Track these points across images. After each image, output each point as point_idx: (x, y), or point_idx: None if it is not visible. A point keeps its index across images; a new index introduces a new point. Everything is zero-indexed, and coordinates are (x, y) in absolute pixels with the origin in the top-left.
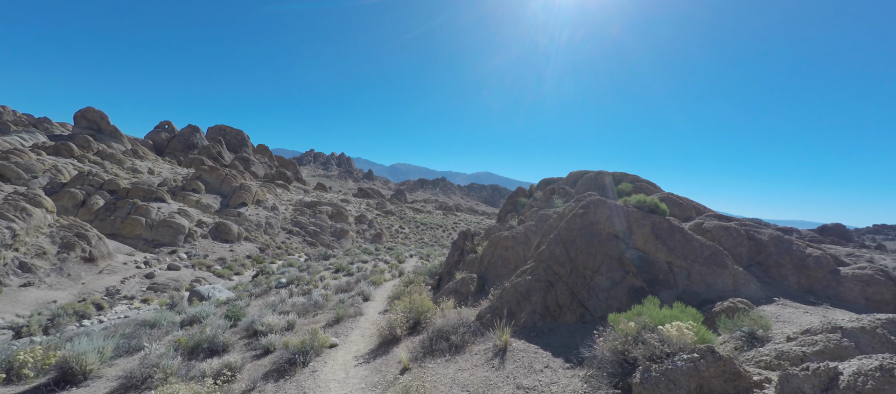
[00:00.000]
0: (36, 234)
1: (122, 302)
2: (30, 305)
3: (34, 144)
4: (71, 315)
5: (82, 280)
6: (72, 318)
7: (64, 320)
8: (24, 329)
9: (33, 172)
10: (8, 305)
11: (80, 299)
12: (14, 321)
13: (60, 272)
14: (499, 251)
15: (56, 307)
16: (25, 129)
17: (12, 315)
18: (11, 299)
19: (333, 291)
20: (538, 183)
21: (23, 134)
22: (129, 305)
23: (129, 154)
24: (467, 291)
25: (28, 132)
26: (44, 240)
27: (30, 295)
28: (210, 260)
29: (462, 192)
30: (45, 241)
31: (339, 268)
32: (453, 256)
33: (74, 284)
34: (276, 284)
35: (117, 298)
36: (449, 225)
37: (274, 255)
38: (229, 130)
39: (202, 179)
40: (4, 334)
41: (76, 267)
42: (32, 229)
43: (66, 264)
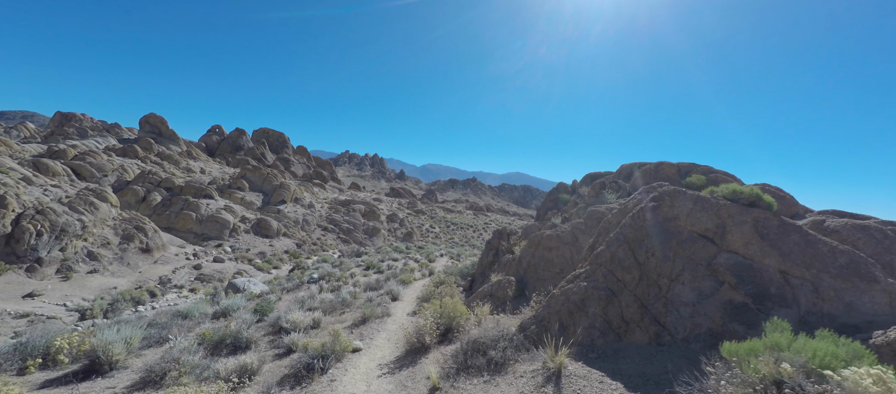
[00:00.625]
0: (101, 226)
1: (172, 290)
2: (94, 290)
3: (106, 146)
4: (128, 301)
5: (139, 269)
6: (128, 303)
7: (121, 305)
8: (88, 312)
9: (104, 171)
10: (76, 289)
11: (137, 286)
12: (80, 305)
13: (121, 261)
14: (540, 252)
15: (116, 293)
16: (100, 133)
17: (79, 299)
18: (79, 284)
19: (362, 289)
20: (582, 178)
21: (97, 138)
22: (179, 293)
23: (184, 155)
24: (504, 296)
25: (101, 136)
26: (108, 231)
27: (95, 281)
28: (251, 254)
29: (493, 192)
30: (109, 232)
31: (370, 265)
32: (487, 256)
33: (132, 273)
34: (308, 279)
35: (168, 286)
36: (479, 225)
37: (309, 250)
38: (272, 133)
39: (246, 177)
40: (72, 315)
41: (134, 257)
42: (99, 222)
43: (126, 254)
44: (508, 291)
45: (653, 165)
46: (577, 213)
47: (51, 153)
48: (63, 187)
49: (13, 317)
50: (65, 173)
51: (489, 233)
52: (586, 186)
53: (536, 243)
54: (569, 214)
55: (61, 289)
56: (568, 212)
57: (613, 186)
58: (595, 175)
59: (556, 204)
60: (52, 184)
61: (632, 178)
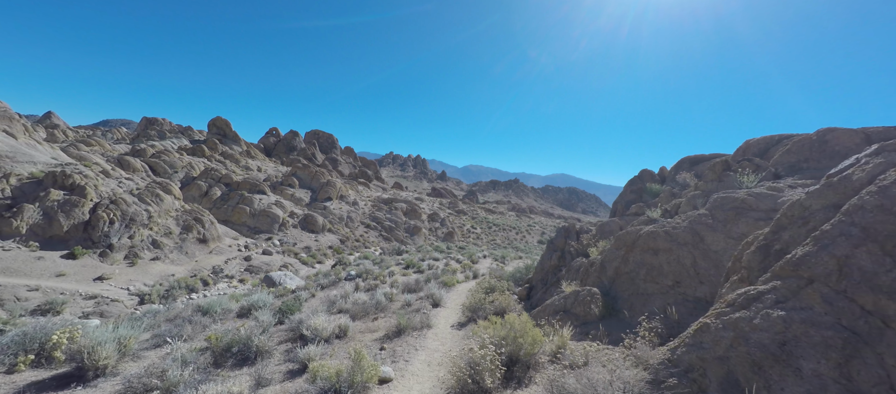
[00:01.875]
0: (165, 216)
1: (223, 279)
2: (155, 276)
3: (179, 146)
4: (182, 288)
5: (195, 258)
6: (183, 290)
7: (176, 292)
8: (147, 297)
9: (175, 167)
10: (140, 274)
11: (192, 274)
12: (141, 290)
13: (180, 250)
14: (638, 256)
15: (173, 280)
16: (175, 135)
17: (141, 284)
18: (143, 270)
19: (401, 290)
20: (677, 163)
21: (173, 139)
22: (229, 283)
23: (244, 155)
24: (586, 314)
25: (176, 138)
26: (170, 222)
27: (156, 268)
28: (297, 248)
29: (535, 194)
30: (171, 222)
31: (410, 264)
32: (550, 259)
33: (189, 261)
34: (345, 276)
35: (220, 276)
36: (523, 227)
37: (352, 247)
38: (322, 134)
39: (296, 175)
40: (133, 299)
41: (192, 246)
42: (163, 212)
43: (185, 243)
44: (592, 307)
45: (816, 135)
46: (686, 203)
47: (133, 152)
48: (135, 180)
49: (83, 298)
50: (143, 169)
51: (533, 235)
52: (685, 172)
53: (629, 244)
54: (670, 205)
55: (127, 274)
56: (664, 203)
57: (753, 165)
58: (696, 159)
59: (639, 196)
60: (126, 177)
61: (769, 154)
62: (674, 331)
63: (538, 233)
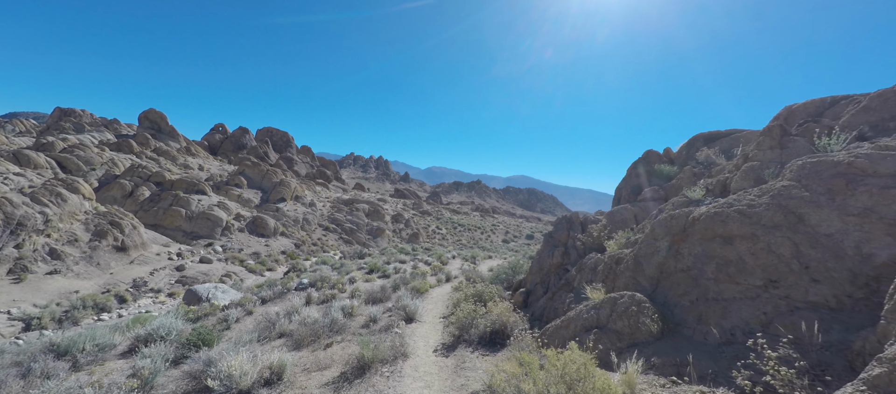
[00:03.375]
0: (70, 220)
1: (147, 295)
2: (51, 294)
3: (101, 141)
4: (90, 308)
5: (111, 270)
6: (90, 311)
7: (80, 313)
8: (35, 322)
9: (92, 164)
10: (28, 293)
11: (105, 289)
12: (28, 312)
13: (90, 261)
14: (697, 246)
15: (76, 298)
16: (97, 128)
17: (30, 305)
18: (33, 287)
19: (364, 301)
20: (688, 142)
21: (93, 133)
22: (155, 298)
23: (182, 151)
24: (635, 332)
25: (98, 131)
26: (78, 227)
27: (54, 284)
28: (244, 254)
29: (498, 195)
30: (78, 227)
31: (374, 268)
32: (551, 256)
33: (102, 274)
34: (297, 285)
35: (143, 290)
36: (487, 227)
37: (309, 251)
38: (276, 132)
39: (245, 174)
40: (13, 325)
41: (106, 256)
42: (67, 215)
43: (97, 253)
44: (643, 321)
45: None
46: (742, 177)
47: (37, 146)
48: (28, 176)
49: None
50: (47, 165)
51: (498, 235)
52: (706, 148)
53: (678, 232)
54: (712, 183)
55: (11, 292)
56: (688, 184)
57: (810, 128)
58: (712, 135)
59: (647, 179)
60: (16, 173)
61: (824, 117)
62: (813, 357)
63: (502, 232)
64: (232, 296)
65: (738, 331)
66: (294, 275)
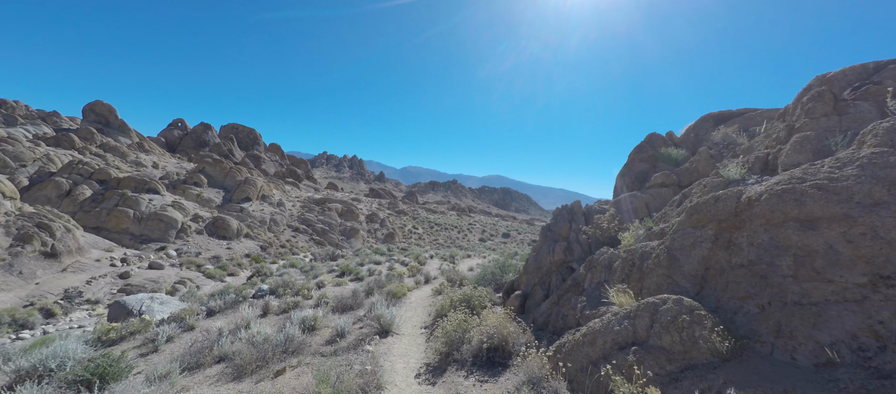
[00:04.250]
0: None
1: (81, 307)
2: None
3: (36, 135)
4: (5, 325)
5: (37, 280)
6: (6, 328)
7: None
8: None
9: (22, 160)
10: None
11: (28, 302)
12: None
13: (9, 269)
14: (761, 234)
15: None
16: (32, 121)
17: None
18: None
19: (331, 309)
20: (695, 124)
21: (28, 126)
22: (91, 310)
23: (134, 148)
24: (690, 351)
25: (33, 124)
26: None
27: None
28: (202, 258)
29: (473, 194)
30: None
31: (346, 270)
32: (551, 252)
33: (26, 284)
34: (255, 292)
35: (77, 302)
36: (464, 226)
37: (276, 254)
38: (241, 129)
39: (205, 172)
40: None
41: (31, 263)
42: None
43: (19, 260)
44: (702, 334)
45: None
46: (794, 150)
47: None
48: None
49: None
50: None
51: (474, 234)
52: (724, 127)
53: (725, 218)
54: (748, 161)
55: None
56: (704, 165)
57: (869, 91)
58: (722, 115)
59: (653, 164)
60: None
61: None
62: None
63: (479, 231)
64: (173, 307)
65: (843, 347)
66: (258, 279)
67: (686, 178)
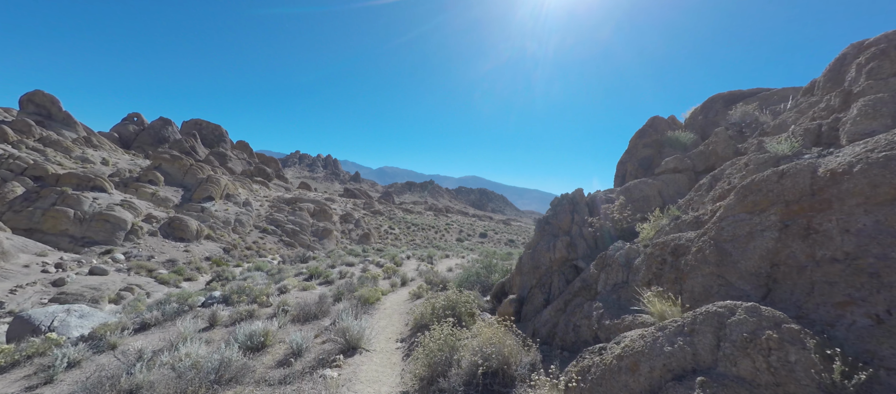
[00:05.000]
0: None
1: (2, 320)
2: None
3: None
4: None
5: None
6: None
7: None
8: None
9: None
10: None
11: None
12: None
13: None
14: (875, 216)
15: None
16: None
17: None
18: None
19: (291, 319)
20: (703, 105)
21: None
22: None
23: (79, 142)
24: (788, 382)
25: None
26: None
27: None
28: (155, 262)
29: (450, 195)
30: None
31: (315, 273)
32: (550, 249)
33: None
34: (206, 300)
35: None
36: (441, 226)
37: (241, 256)
38: (206, 125)
39: (162, 169)
40: None
41: None
42: None
43: None
44: (806, 357)
45: None
46: (863, 115)
47: None
48: None
49: None
50: None
51: (452, 233)
52: (747, 105)
53: (808, 197)
54: (795, 132)
55: None
56: (724, 148)
57: None
58: (733, 96)
59: (658, 150)
60: None
61: None
62: None
63: (456, 231)
64: (98, 321)
65: None
66: (217, 284)
67: (701, 162)
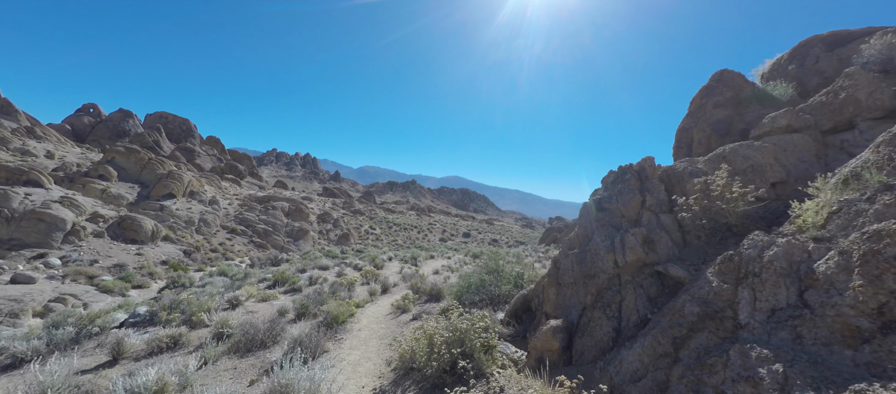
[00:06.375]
0: None
1: None
2: None
3: None
4: None
5: None
6: None
7: None
8: None
9: None
10: None
11: None
12: None
13: None
14: None
15: None
16: None
17: None
18: None
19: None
20: (795, 48)
21: None
22: None
23: (20, 132)
24: None
25: None
26: None
27: None
28: (99, 267)
29: (432, 195)
30: None
31: (281, 279)
32: (614, 248)
33: None
34: (129, 316)
35: None
36: (424, 226)
37: (204, 259)
38: (172, 118)
39: (115, 163)
40: None
41: None
42: None
43: None
44: None
45: None
46: None
47: None
48: None
49: None
50: None
51: (435, 234)
52: (885, 36)
53: None
54: None
55: None
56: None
57: None
58: (834, 38)
59: (737, 111)
60: None
61: None
62: None
63: (439, 231)
64: None
65: None
66: (170, 292)
67: (828, 115)
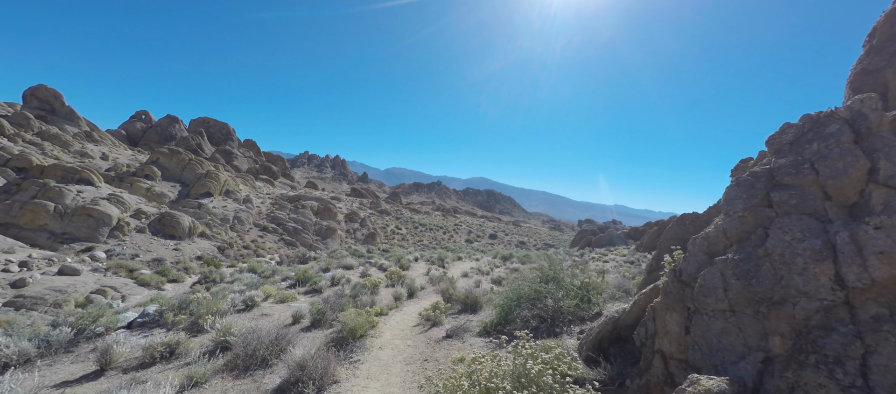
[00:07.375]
0: None
1: None
2: None
3: None
4: None
5: None
6: None
7: None
8: None
9: None
10: None
11: None
12: None
13: None
14: None
15: None
16: None
17: None
18: None
19: (226, 363)
20: None
21: None
22: None
23: (80, 137)
24: None
25: None
26: None
27: None
28: (139, 261)
29: (458, 196)
30: None
31: (303, 279)
32: (838, 252)
33: None
34: (139, 316)
35: None
36: (449, 227)
37: (237, 256)
38: (213, 123)
39: (159, 164)
40: None
41: None
42: None
43: None
44: None
45: None
46: None
47: None
48: None
49: None
50: None
51: (460, 234)
52: None
53: None
54: None
55: None
56: None
57: None
58: None
59: None
60: None
61: None
62: None
63: (465, 232)
64: None
65: None
66: (201, 287)
67: None
